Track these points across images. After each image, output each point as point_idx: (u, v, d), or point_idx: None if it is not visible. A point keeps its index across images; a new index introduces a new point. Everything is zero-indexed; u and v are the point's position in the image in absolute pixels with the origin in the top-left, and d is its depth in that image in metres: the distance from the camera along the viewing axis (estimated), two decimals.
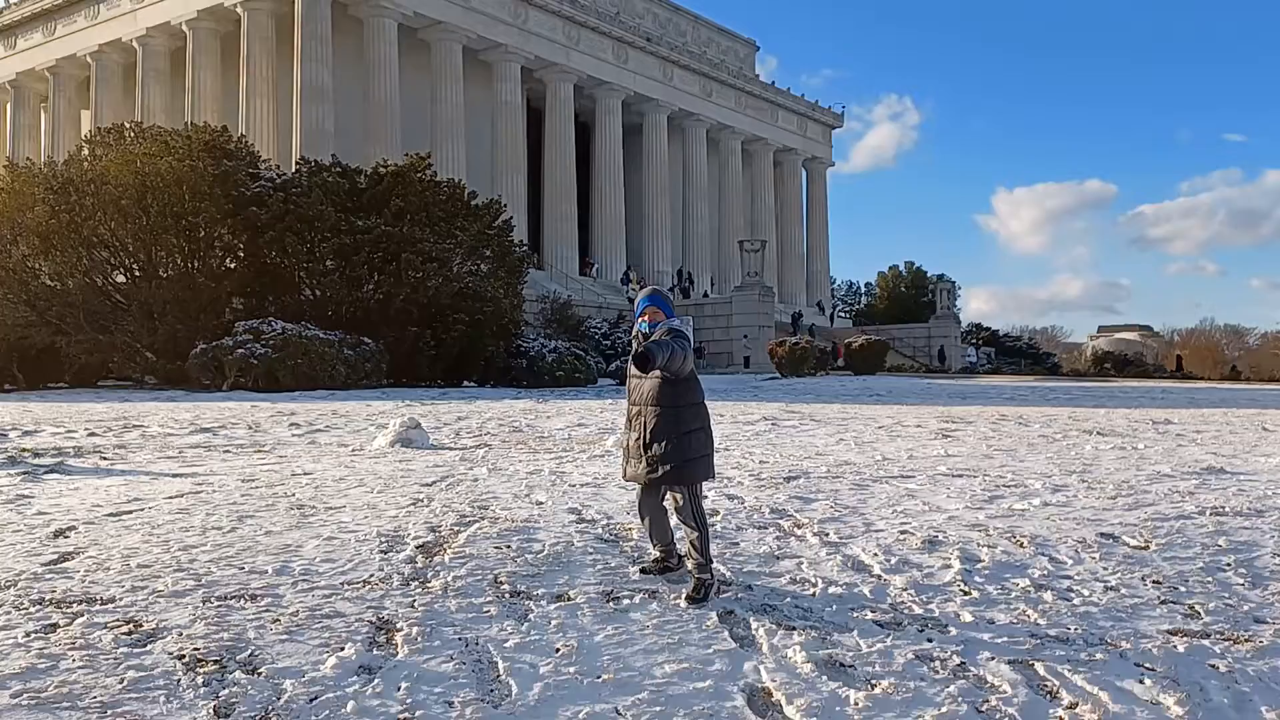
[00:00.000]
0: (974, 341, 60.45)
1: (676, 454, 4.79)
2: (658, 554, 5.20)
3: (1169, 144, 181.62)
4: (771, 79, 72.92)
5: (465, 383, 29.05)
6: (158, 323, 26.75)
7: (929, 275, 76.93)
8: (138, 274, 27.60)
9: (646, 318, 4.99)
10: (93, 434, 11.84)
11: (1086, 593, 5.07)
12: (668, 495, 4.97)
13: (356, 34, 47.39)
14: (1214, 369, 57.51)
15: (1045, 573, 5.42)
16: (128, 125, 30.46)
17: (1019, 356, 62.14)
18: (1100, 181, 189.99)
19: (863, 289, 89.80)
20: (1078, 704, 3.66)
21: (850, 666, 4.03)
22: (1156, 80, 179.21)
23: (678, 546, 5.16)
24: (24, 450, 10.04)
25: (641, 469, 4.86)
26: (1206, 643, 4.33)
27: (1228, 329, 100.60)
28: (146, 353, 27.25)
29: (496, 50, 52.04)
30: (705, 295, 56.29)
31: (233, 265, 28.72)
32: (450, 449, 10.74)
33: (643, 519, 5.13)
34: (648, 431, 4.82)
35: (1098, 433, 13.67)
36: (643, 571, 5.19)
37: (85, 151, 29.22)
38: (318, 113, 45.22)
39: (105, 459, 9.45)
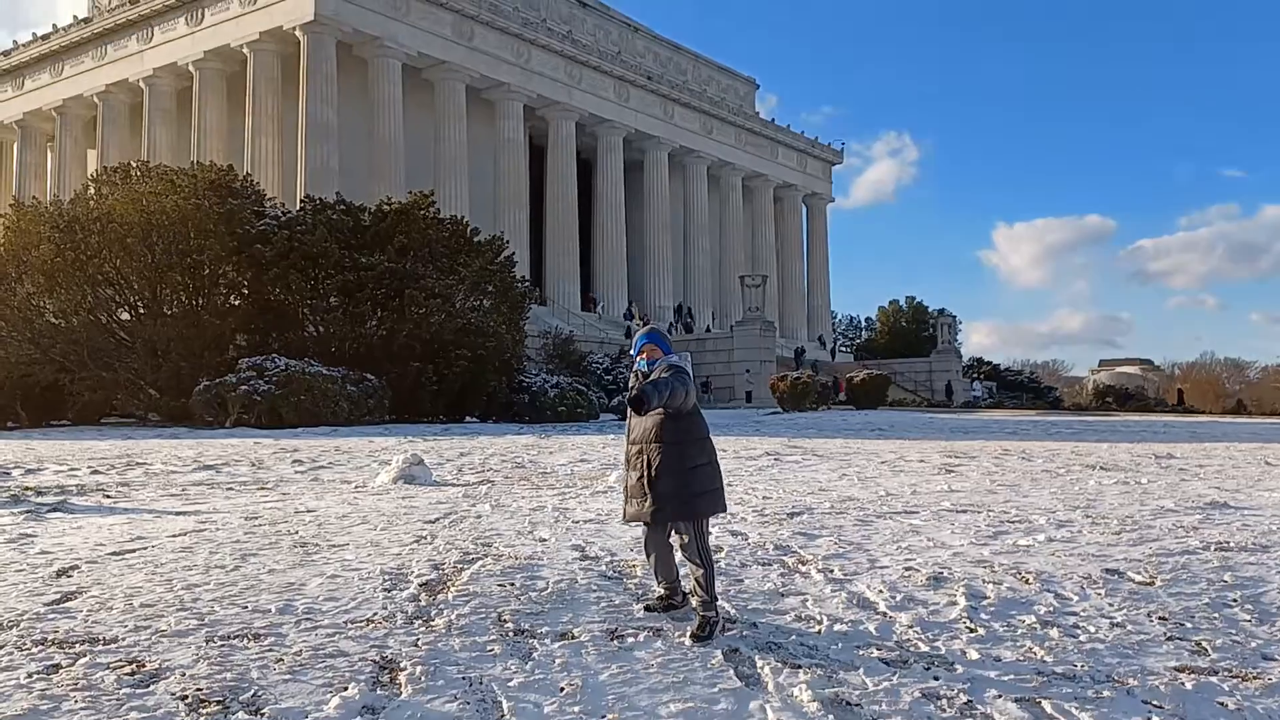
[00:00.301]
0: (975, 375, 60.42)
1: (682, 490, 4.79)
2: (662, 591, 5.18)
3: (1167, 179, 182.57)
4: (772, 116, 73.63)
5: (468, 418, 29.05)
6: (162, 360, 26.80)
7: (929, 310, 77.08)
8: (142, 311, 27.70)
9: (645, 355, 5.01)
10: (96, 472, 11.83)
11: (1093, 629, 5.05)
12: (673, 532, 4.97)
13: (361, 73, 47.89)
14: (1215, 403, 57.45)
15: (1051, 609, 5.39)
16: (134, 164, 30.71)
17: (1020, 391, 62.09)
18: (1099, 216, 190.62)
19: (863, 323, 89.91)
20: None
21: (857, 705, 4.01)
22: (1154, 117, 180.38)
23: (683, 584, 5.15)
24: (27, 489, 10.03)
25: (646, 507, 4.85)
26: (1214, 680, 4.31)
27: (1228, 362, 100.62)
28: (150, 390, 27.27)
29: (499, 89, 52.54)
30: (707, 330, 56.39)
31: (237, 302, 28.82)
32: (453, 485, 10.73)
33: (648, 556, 5.12)
34: (651, 469, 4.82)
35: (1101, 468, 13.64)
36: (647, 609, 5.17)
37: (91, 190, 29.42)
38: (322, 151, 45.59)
39: (108, 497, 9.44)
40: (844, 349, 75.67)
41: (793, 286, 72.28)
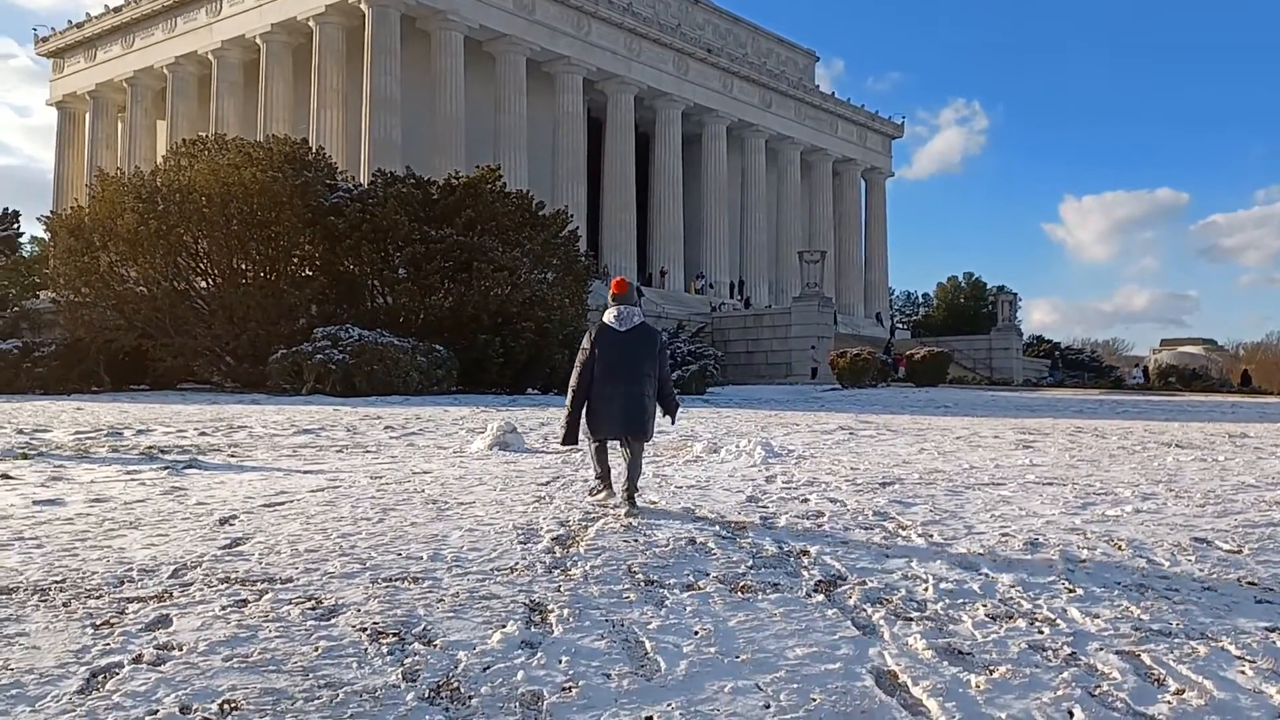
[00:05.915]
0: (1040, 353, 59.77)
1: None
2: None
3: (1242, 154, 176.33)
4: (835, 85, 73.73)
5: (530, 390, 29.54)
6: (239, 328, 27.61)
7: (989, 286, 76.34)
8: (220, 280, 28.52)
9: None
10: (203, 433, 12.47)
11: (1185, 591, 5.36)
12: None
13: (424, 46, 48.43)
14: None
15: (1144, 572, 5.70)
16: (209, 136, 31.51)
17: (1081, 370, 61.46)
18: (1171, 190, 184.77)
19: (920, 300, 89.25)
20: (1184, 690, 3.96)
21: (968, 654, 4.36)
22: (1230, 91, 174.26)
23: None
24: (150, 447, 10.66)
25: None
26: None
27: None
28: (227, 357, 28.12)
29: (559, 62, 52.83)
30: (768, 306, 56.48)
31: (310, 273, 29.53)
32: (546, 453, 11.19)
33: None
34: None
35: (1176, 445, 13.77)
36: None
37: (171, 162, 30.26)
38: (386, 123, 46.28)
39: (233, 456, 10.03)
40: (901, 326, 75.30)
41: (850, 262, 71.97)
